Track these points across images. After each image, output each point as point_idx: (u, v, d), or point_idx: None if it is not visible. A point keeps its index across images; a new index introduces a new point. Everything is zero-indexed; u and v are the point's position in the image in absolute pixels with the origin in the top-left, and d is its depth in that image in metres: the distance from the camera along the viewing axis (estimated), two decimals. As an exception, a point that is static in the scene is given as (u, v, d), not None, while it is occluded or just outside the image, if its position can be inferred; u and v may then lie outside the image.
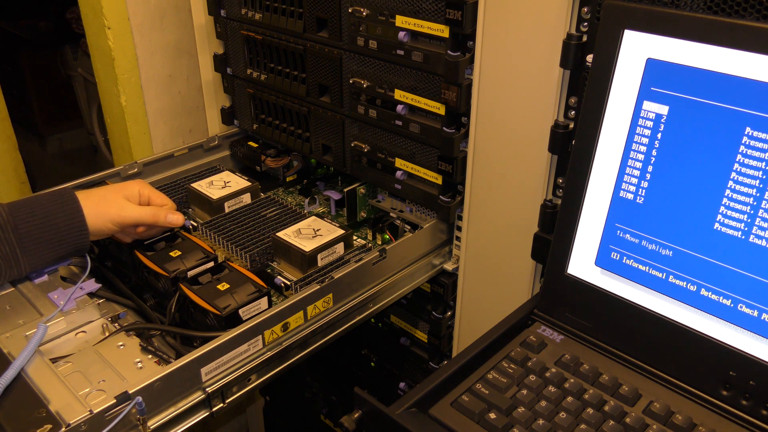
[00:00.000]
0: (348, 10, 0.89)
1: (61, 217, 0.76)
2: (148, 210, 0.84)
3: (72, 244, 0.78)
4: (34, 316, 0.77)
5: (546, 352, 0.65)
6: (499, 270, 0.88)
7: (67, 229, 0.76)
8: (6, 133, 1.33)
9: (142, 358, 0.73)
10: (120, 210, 0.81)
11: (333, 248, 0.89)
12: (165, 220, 0.85)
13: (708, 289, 0.58)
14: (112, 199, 0.81)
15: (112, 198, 0.81)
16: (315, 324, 0.80)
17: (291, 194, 1.13)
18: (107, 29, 1.20)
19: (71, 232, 0.77)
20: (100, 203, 0.80)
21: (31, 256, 0.75)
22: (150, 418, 0.66)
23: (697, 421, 0.57)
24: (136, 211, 0.82)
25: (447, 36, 0.79)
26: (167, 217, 0.85)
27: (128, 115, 1.28)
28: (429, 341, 1.03)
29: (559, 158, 0.75)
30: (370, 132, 0.96)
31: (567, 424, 0.57)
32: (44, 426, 0.61)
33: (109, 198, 0.81)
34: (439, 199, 0.89)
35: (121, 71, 1.24)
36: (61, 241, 0.76)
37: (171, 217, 0.86)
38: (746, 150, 0.54)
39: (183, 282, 0.78)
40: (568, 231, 0.67)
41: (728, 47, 0.54)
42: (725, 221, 0.56)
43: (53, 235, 0.75)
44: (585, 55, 0.69)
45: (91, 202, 0.79)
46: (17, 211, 0.74)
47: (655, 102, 0.59)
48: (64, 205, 0.77)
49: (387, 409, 0.57)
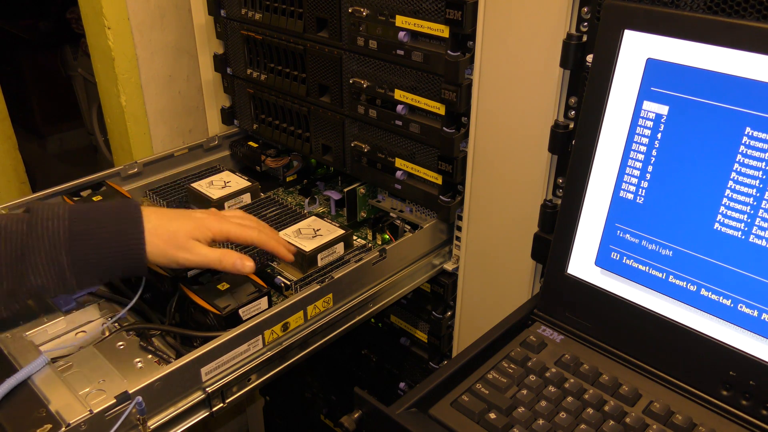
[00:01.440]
0: (348, 10, 0.89)
1: (123, 248, 0.69)
2: (215, 255, 0.74)
3: (127, 272, 0.72)
4: (34, 316, 0.77)
5: (546, 352, 0.65)
6: (499, 270, 0.88)
7: (124, 261, 0.70)
8: (6, 133, 1.33)
9: (142, 358, 0.73)
10: (188, 254, 0.72)
11: (333, 248, 0.89)
12: (233, 268, 0.75)
13: (708, 289, 0.58)
14: (182, 242, 0.72)
15: (182, 240, 0.72)
16: (315, 324, 0.80)
17: (291, 194, 1.13)
18: (107, 29, 1.19)
19: (128, 264, 0.70)
20: (168, 244, 0.71)
21: (80, 276, 0.68)
22: (150, 418, 0.66)
23: (697, 421, 0.57)
24: (205, 258, 0.74)
25: (447, 36, 0.79)
26: (235, 264, 0.75)
27: (128, 115, 1.28)
28: (429, 341, 1.03)
29: (559, 158, 0.75)
30: (370, 132, 0.96)
31: (567, 424, 0.57)
32: (44, 426, 0.61)
33: (178, 239, 0.72)
34: (439, 199, 0.89)
35: (121, 71, 1.24)
36: (115, 268, 0.70)
37: (239, 264, 0.75)
38: (746, 150, 0.54)
39: (183, 282, 0.78)
40: (568, 231, 0.67)
41: (728, 47, 0.54)
42: (725, 221, 0.56)
43: (108, 263, 0.69)
44: (585, 55, 0.69)
45: (159, 239, 0.71)
46: (78, 226, 0.68)
47: (655, 102, 0.59)
48: (128, 240, 0.69)
49: (387, 409, 0.57)
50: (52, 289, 0.67)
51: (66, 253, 0.66)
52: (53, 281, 0.67)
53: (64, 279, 0.67)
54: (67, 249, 0.67)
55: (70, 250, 0.67)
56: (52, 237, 0.66)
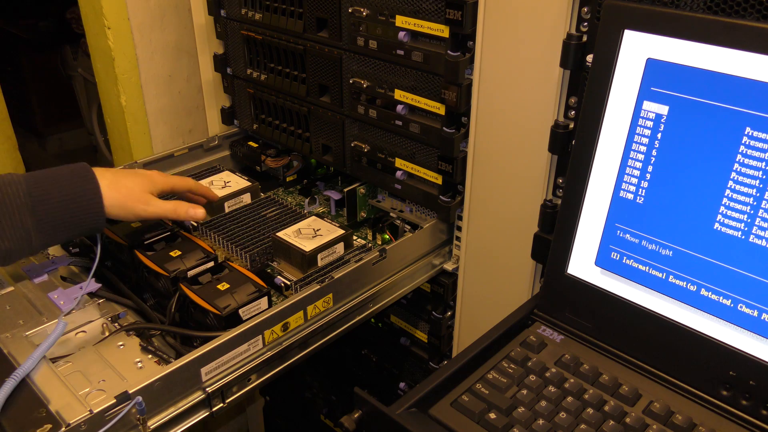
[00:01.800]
0: (348, 10, 0.89)
1: (82, 202, 0.75)
2: (170, 206, 0.84)
3: (88, 228, 0.78)
4: (34, 316, 0.77)
5: (546, 352, 0.65)
6: (499, 270, 0.88)
7: (85, 215, 0.75)
8: (6, 133, 1.33)
9: (142, 358, 0.73)
10: (146, 206, 0.81)
11: (333, 248, 0.89)
12: (186, 215, 0.86)
13: (708, 289, 0.58)
14: (138, 195, 0.81)
15: (138, 194, 0.81)
16: (315, 324, 0.80)
17: (291, 194, 1.13)
18: (107, 29, 1.19)
19: (88, 218, 0.76)
20: (127, 198, 0.79)
21: (44, 237, 0.74)
22: (150, 418, 0.66)
23: (697, 421, 0.57)
24: (160, 209, 0.83)
25: (447, 36, 0.79)
26: (188, 212, 0.86)
27: (128, 115, 1.28)
28: (429, 341, 1.03)
29: (559, 158, 0.75)
30: (370, 132, 0.96)
31: (567, 424, 0.57)
32: (44, 426, 0.61)
33: (135, 193, 0.81)
34: (439, 199, 0.89)
35: (121, 71, 1.24)
36: (77, 225, 0.76)
37: (191, 212, 0.86)
38: (746, 150, 0.54)
39: (183, 282, 0.78)
40: (568, 231, 0.67)
41: (728, 47, 0.54)
42: (725, 221, 0.56)
43: (71, 219, 0.75)
44: (585, 55, 0.69)
45: (117, 192, 0.79)
46: (36, 190, 0.73)
47: (655, 102, 0.59)
48: (86, 193, 0.76)
49: (387, 409, 0.57)
50: (17, 251, 0.72)
51: (30, 215, 0.71)
52: (18, 243, 0.72)
53: (30, 241, 0.72)
54: (31, 211, 0.71)
55: (34, 212, 0.72)
56: (13, 201, 0.71)
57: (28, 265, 0.87)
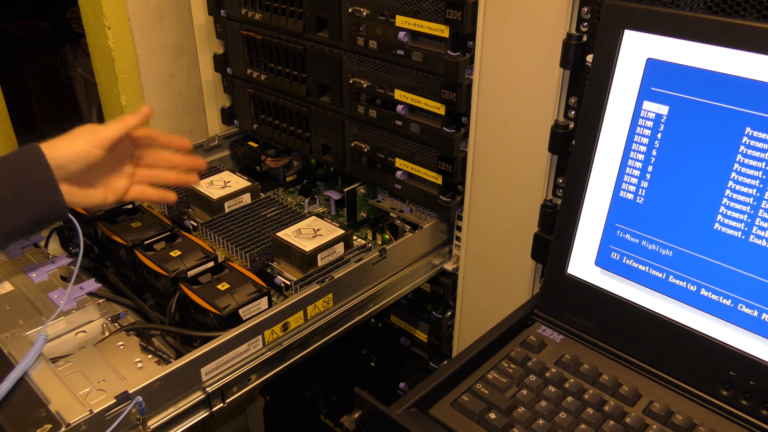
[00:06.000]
0: (348, 10, 0.89)
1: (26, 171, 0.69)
2: (115, 122, 0.76)
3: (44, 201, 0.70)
4: (34, 316, 0.77)
5: (546, 352, 0.65)
6: (499, 270, 0.88)
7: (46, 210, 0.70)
8: (6, 133, 1.33)
9: (142, 358, 0.73)
10: (95, 130, 0.74)
11: (333, 248, 0.89)
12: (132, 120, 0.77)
13: (708, 289, 0.58)
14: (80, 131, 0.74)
15: (79, 130, 0.74)
16: (315, 324, 0.80)
17: (291, 194, 1.13)
18: (107, 29, 1.19)
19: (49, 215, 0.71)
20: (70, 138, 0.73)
21: (6, 241, 0.69)
22: (150, 418, 0.66)
23: (697, 421, 0.57)
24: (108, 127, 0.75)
25: (447, 36, 0.79)
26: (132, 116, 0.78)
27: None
28: (429, 341, 1.03)
29: (559, 158, 0.75)
30: (370, 132, 0.96)
31: (567, 424, 0.57)
32: (44, 426, 0.61)
33: (76, 131, 0.74)
34: (439, 199, 0.89)
35: (121, 71, 1.24)
36: (38, 225, 0.71)
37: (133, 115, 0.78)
38: (746, 150, 0.54)
39: (183, 282, 0.78)
40: (568, 231, 0.67)
41: (728, 47, 0.54)
42: (725, 221, 0.56)
43: (32, 222, 0.69)
44: (585, 55, 0.69)
45: (59, 141, 0.72)
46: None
47: (655, 102, 0.59)
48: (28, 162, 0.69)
49: (387, 409, 0.57)
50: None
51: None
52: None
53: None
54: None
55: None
56: None
57: (28, 265, 0.87)
